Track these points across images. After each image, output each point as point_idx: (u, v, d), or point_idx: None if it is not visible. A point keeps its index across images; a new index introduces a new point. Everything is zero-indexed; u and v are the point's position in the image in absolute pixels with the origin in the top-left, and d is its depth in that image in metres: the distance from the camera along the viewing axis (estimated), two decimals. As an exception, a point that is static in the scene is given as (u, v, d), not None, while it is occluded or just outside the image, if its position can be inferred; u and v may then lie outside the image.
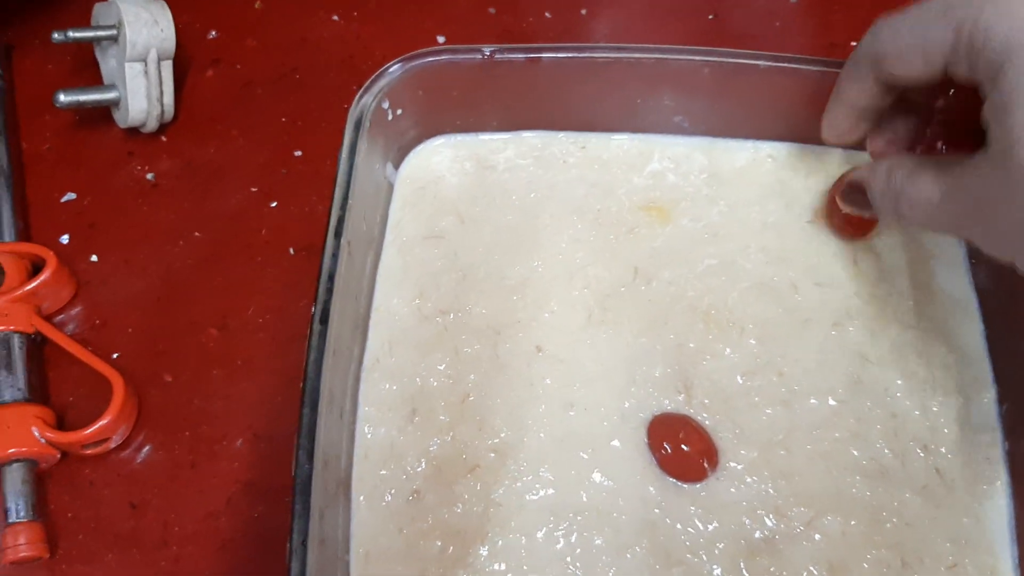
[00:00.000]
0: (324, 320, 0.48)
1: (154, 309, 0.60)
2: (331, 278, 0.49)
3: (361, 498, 0.50)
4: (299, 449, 0.45)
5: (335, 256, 0.49)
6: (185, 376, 0.58)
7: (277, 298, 0.59)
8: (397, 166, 0.58)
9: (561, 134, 0.60)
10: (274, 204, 0.63)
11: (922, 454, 0.53)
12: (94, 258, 0.61)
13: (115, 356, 0.58)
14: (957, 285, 0.57)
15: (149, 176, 0.64)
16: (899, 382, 0.54)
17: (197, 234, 0.62)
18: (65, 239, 0.62)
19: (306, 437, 0.46)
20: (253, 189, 0.63)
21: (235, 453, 0.56)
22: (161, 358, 0.58)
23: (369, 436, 0.52)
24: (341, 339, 0.50)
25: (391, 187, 0.58)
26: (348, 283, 0.51)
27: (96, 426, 0.53)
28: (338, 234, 0.50)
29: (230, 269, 0.61)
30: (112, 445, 0.56)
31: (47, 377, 0.58)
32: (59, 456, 0.54)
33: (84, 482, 0.55)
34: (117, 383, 0.55)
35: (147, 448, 0.56)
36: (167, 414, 0.57)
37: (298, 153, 0.65)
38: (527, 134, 0.60)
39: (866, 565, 0.50)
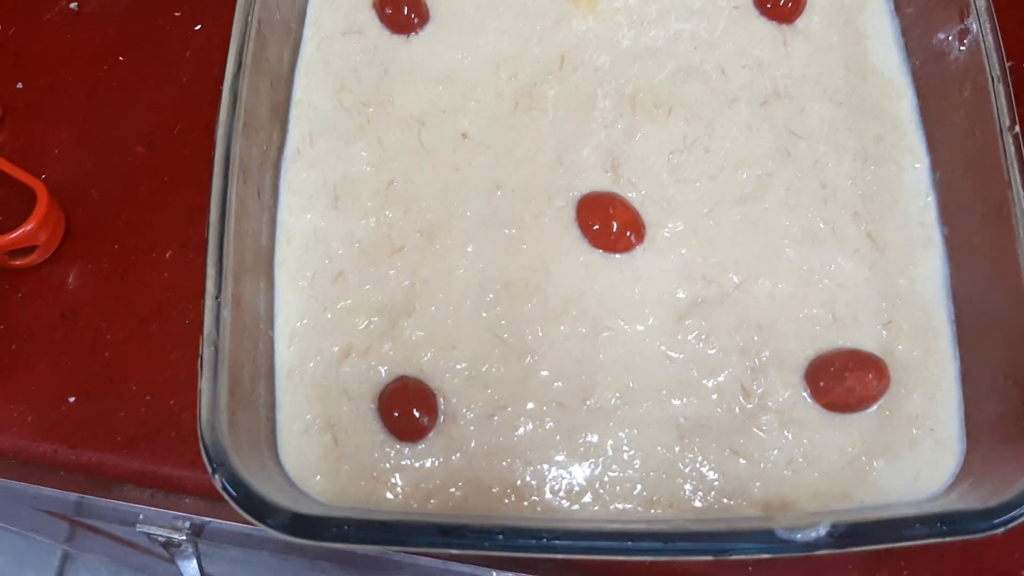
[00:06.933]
0: (234, 89, 0.47)
1: (79, 130, 0.59)
2: (240, 51, 0.48)
3: (284, 278, 0.50)
4: (211, 207, 0.45)
5: (244, 33, 0.48)
6: (112, 193, 0.57)
7: (202, 115, 0.58)
8: (314, -36, 0.57)
9: (483, -76, 0.59)
10: (198, 27, 0.62)
11: (853, 221, 0.52)
12: (20, 85, 0.60)
13: (43, 177, 0.57)
14: (890, 64, 0.56)
15: (72, 5, 0.63)
16: (830, 155, 0.53)
17: (121, 58, 0.61)
18: (-11, 69, 0.61)
19: (217, 196, 0.45)
20: (177, 13, 0.62)
21: (164, 263, 0.55)
22: (88, 177, 0.58)
23: (292, 220, 0.51)
24: (256, 117, 0.49)
25: (308, -17, 0.56)
26: (260, 63, 0.50)
27: (20, 231, 0.53)
28: (247, 10, 0.49)
29: (155, 91, 0.60)
30: (39, 259, 0.55)
31: (-27, 195, 0.57)
32: (-15, 268, 0.54)
33: (14, 294, 0.55)
34: (40, 190, 0.54)
35: (76, 262, 0.56)
36: (95, 229, 0.57)
37: (222, -24, 0.63)
38: (449, -74, 0.58)
39: (796, 324, 0.50)
